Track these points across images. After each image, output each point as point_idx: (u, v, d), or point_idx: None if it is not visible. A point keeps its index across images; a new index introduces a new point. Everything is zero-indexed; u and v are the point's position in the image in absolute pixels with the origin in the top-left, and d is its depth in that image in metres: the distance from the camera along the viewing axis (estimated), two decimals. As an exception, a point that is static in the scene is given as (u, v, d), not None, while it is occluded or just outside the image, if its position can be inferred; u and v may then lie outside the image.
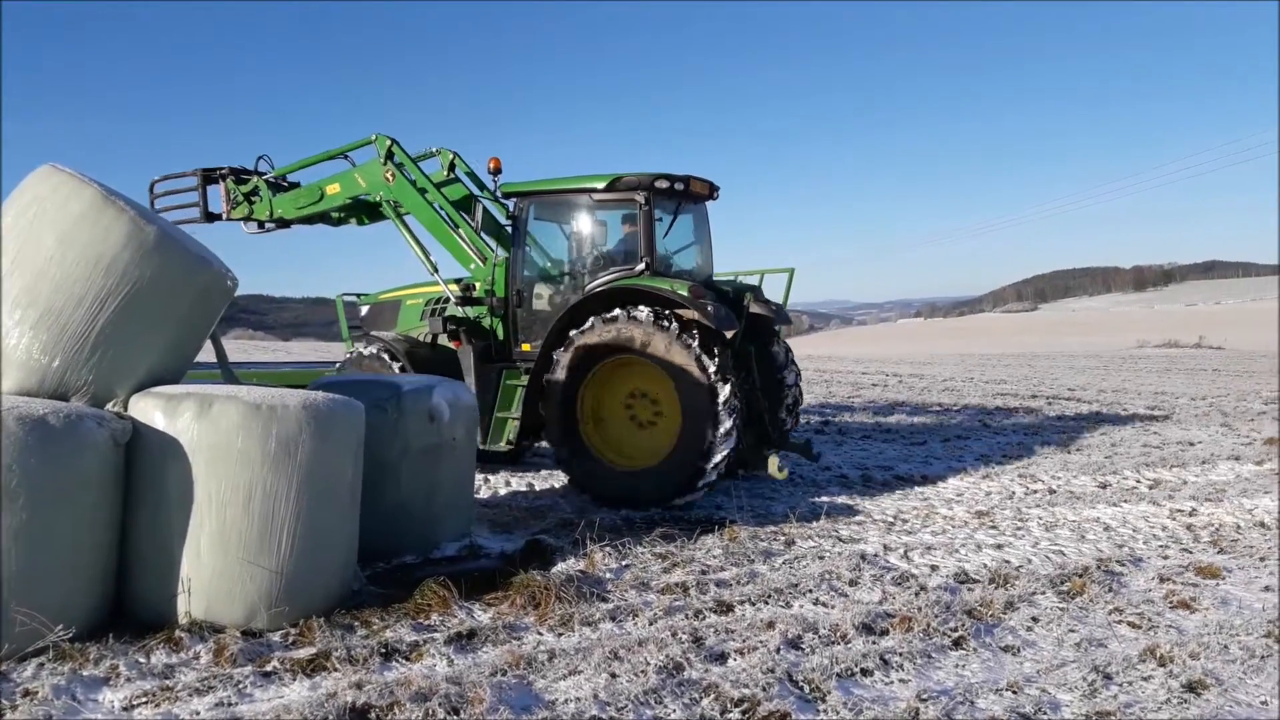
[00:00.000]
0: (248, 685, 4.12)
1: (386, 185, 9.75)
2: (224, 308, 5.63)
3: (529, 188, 9.23)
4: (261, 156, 10.58)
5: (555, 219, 9.49)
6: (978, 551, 6.92)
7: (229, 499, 4.67)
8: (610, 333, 8.15)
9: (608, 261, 9.04)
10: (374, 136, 9.76)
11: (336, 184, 10.13)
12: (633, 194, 8.74)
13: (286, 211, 10.41)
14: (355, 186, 10.00)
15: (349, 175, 10.06)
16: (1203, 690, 4.29)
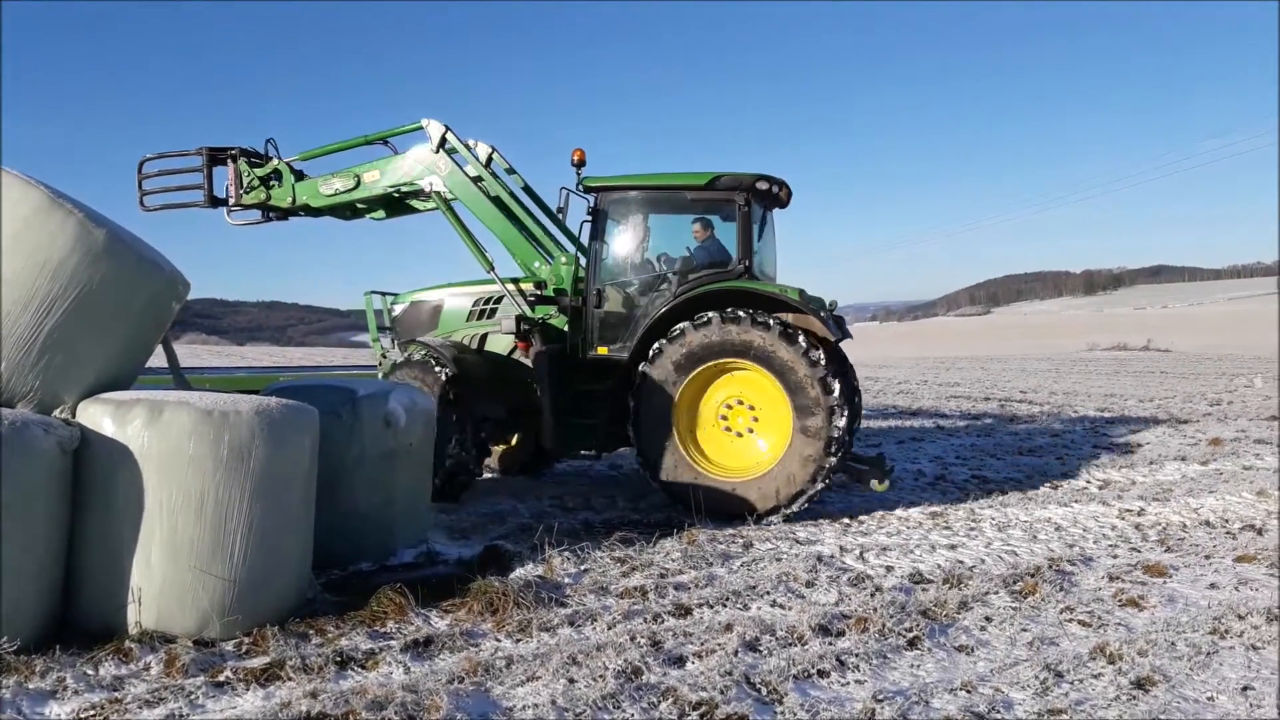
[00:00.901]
0: (200, 696, 4.05)
1: (437, 175, 9.16)
2: (176, 312, 5.54)
3: (616, 183, 8.71)
4: (269, 140, 9.72)
5: (642, 216, 8.98)
6: (932, 552, 7.00)
7: (180, 507, 4.59)
8: (719, 335, 7.87)
9: (698, 263, 8.68)
10: (425, 122, 9.17)
11: (376, 171, 9.38)
12: (732, 194, 8.45)
13: (313, 199, 9.55)
14: (399, 175, 9.30)
15: (392, 162, 9.36)
16: (1151, 687, 4.37)
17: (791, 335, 7.77)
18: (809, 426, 7.74)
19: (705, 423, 8.21)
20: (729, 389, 8.16)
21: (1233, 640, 5.02)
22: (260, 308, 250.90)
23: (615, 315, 8.72)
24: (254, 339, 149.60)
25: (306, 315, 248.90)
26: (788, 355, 7.74)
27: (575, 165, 8.68)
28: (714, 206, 8.67)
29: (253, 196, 9.58)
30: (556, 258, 9.05)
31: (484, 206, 9.13)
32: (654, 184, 8.69)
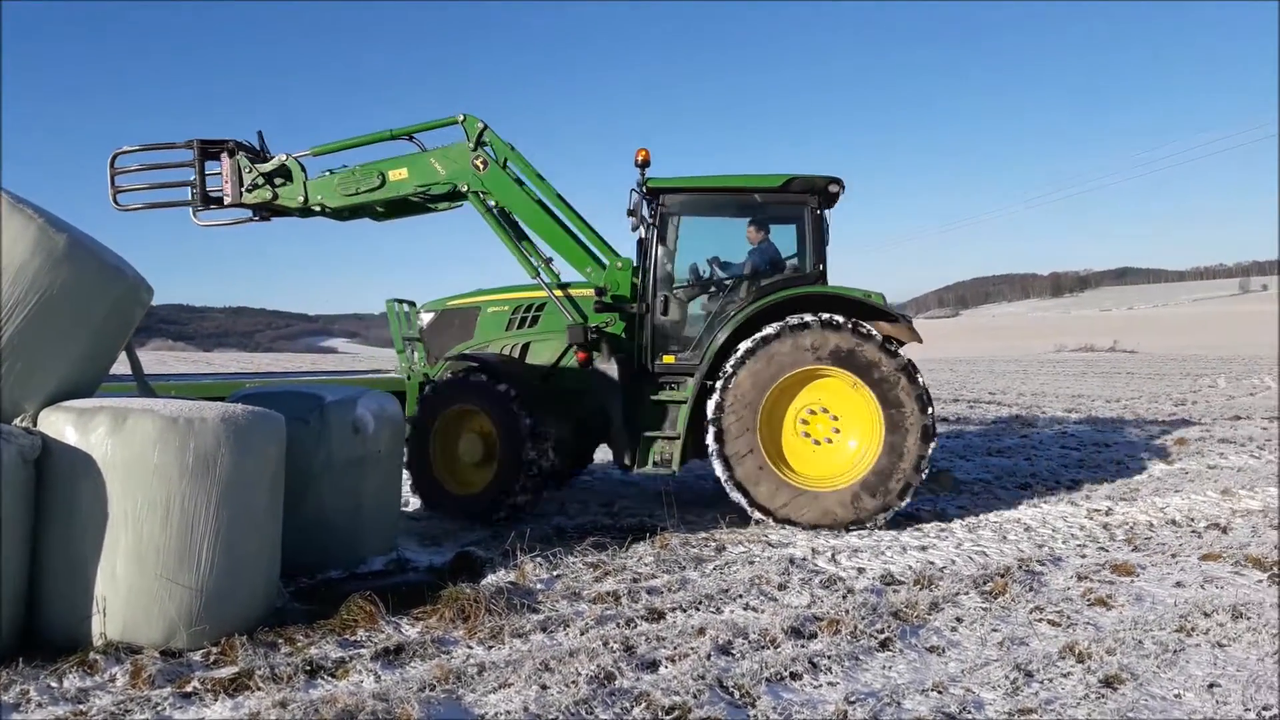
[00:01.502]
0: (167, 707, 4.00)
1: (474, 174, 8.58)
2: (139, 318, 5.47)
3: (684, 184, 8.32)
4: (258, 132, 8.96)
5: (708, 219, 8.74)
6: (903, 553, 7.04)
7: (145, 515, 4.53)
8: (817, 341, 7.65)
9: (763, 267, 8.46)
10: (461, 116, 8.62)
11: (404, 169, 8.72)
12: (805, 196, 8.25)
13: (330, 198, 8.82)
14: (430, 173, 8.67)
15: (422, 160, 8.72)
16: (1119, 685, 4.41)
17: (889, 345, 7.68)
18: (901, 437, 7.62)
19: (785, 431, 7.96)
20: (809, 396, 7.94)
21: (1199, 638, 5.08)
22: (227, 313, 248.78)
23: (681, 322, 8.40)
24: (221, 345, 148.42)
25: (274, 320, 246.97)
26: (887, 366, 7.62)
27: (639, 165, 8.21)
28: (784, 209, 8.43)
29: (256, 195, 8.78)
30: (611, 262, 8.65)
31: (528, 208, 8.64)
32: (724, 185, 8.40)
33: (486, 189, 8.59)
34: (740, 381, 7.69)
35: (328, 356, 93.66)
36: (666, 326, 8.32)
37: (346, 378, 10.14)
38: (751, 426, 7.68)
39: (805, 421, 7.96)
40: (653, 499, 9.20)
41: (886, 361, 7.64)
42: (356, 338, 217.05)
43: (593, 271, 8.63)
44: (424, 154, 8.74)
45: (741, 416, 7.67)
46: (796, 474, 7.83)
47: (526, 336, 8.72)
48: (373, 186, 8.73)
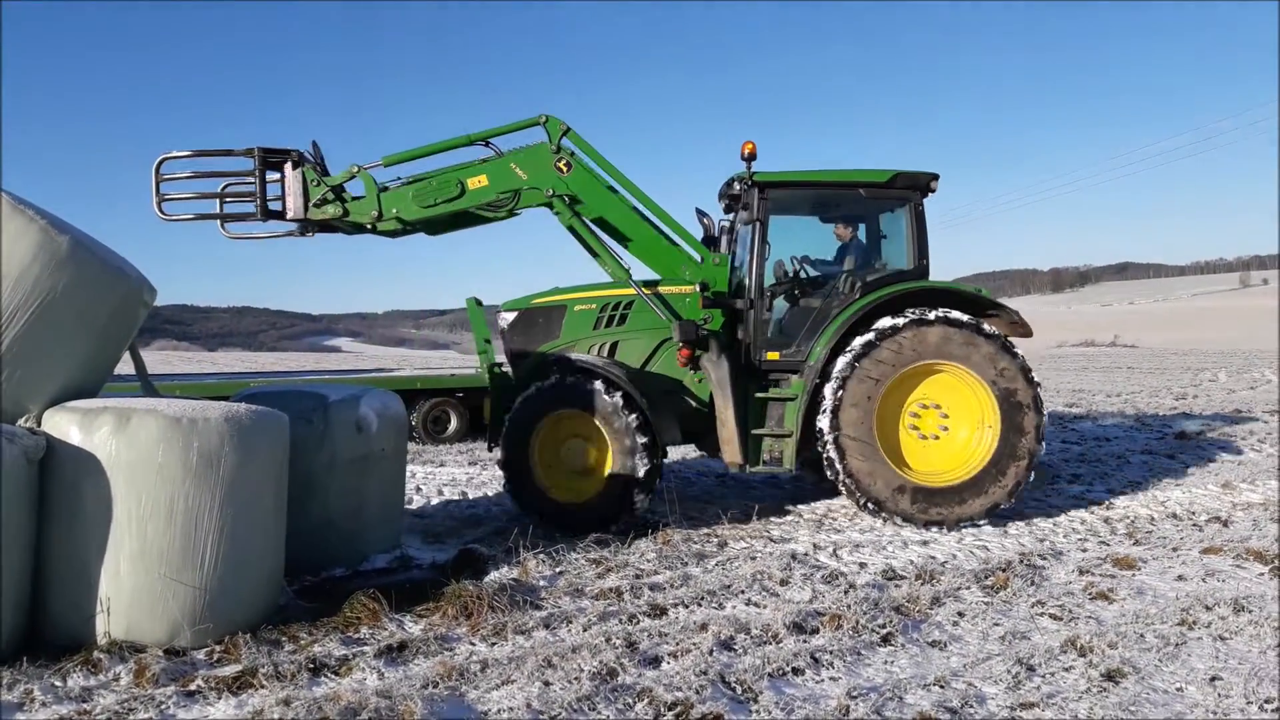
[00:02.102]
0: (170, 706, 4.02)
1: (558, 177, 8.18)
2: (142, 319, 5.49)
3: (790, 178, 8.18)
4: (313, 143, 8.26)
5: (812, 214, 8.60)
6: (904, 548, 7.06)
7: (149, 515, 4.55)
8: (941, 337, 7.63)
9: (871, 262, 8.42)
10: (544, 118, 8.22)
11: (483, 175, 8.19)
12: (909, 191, 8.22)
13: (407, 211, 8.20)
14: (511, 179, 8.19)
15: (501, 165, 8.21)
16: (1121, 678, 4.42)
17: (1008, 342, 7.70)
18: (1015, 434, 7.65)
19: (896, 427, 7.92)
20: (920, 391, 7.90)
21: (1200, 631, 5.09)
22: (231, 313, 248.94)
23: (785, 318, 8.31)
24: (225, 344, 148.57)
25: (278, 320, 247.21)
26: (1003, 363, 7.64)
27: (746, 159, 8.06)
28: (888, 204, 8.39)
29: (324, 211, 8.10)
30: (707, 257, 8.38)
31: (616, 208, 8.32)
32: (831, 180, 8.27)
33: (571, 191, 8.22)
34: (857, 377, 7.64)
35: (332, 356, 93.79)
36: (771, 322, 8.23)
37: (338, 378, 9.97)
38: (868, 423, 7.64)
39: (916, 415, 7.94)
40: (655, 494, 9.21)
41: (1003, 358, 7.65)
42: (360, 337, 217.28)
43: (688, 268, 8.37)
44: (503, 159, 8.26)
45: (858, 413, 7.64)
46: (911, 470, 7.81)
47: (615, 335, 8.40)
48: (451, 196, 8.21)
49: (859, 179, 8.20)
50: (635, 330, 8.29)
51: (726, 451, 7.85)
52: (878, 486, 7.63)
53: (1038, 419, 7.67)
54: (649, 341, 8.26)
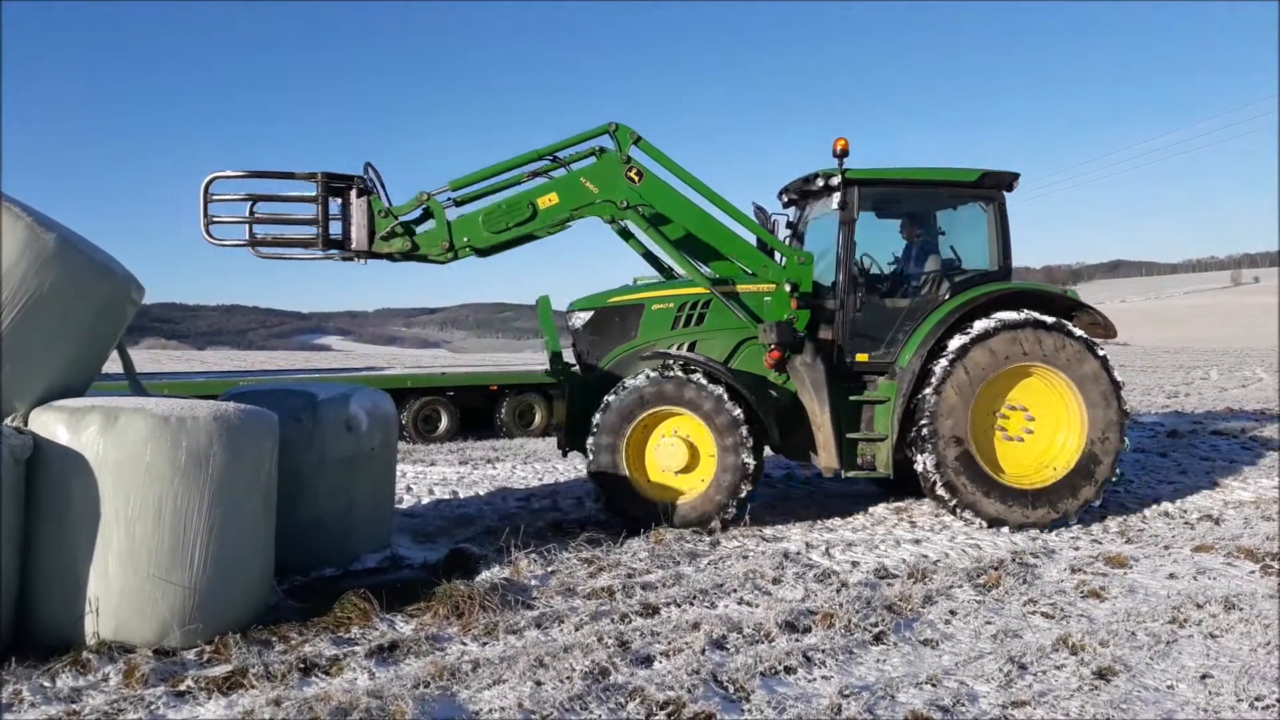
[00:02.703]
0: (160, 706, 3.99)
1: (630, 188, 7.87)
2: (130, 316, 5.45)
3: (882, 176, 8.05)
4: (368, 165, 7.69)
5: (898, 212, 8.50)
6: (897, 547, 7.06)
7: (138, 514, 4.52)
8: (1015, 340, 7.65)
9: (955, 262, 8.34)
10: (611, 126, 7.89)
11: (553, 194, 7.82)
12: (994, 190, 8.23)
13: (478, 239, 7.76)
14: (582, 194, 7.85)
15: (571, 181, 7.87)
16: (1112, 676, 4.43)
17: (1091, 342, 7.76)
18: (1101, 435, 7.71)
19: (986, 430, 7.89)
20: (1006, 394, 7.92)
21: (1191, 629, 5.10)
22: (220, 311, 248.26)
23: (872, 318, 8.12)
24: (214, 343, 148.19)
25: (267, 318, 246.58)
26: (1091, 365, 7.71)
27: (838, 155, 7.87)
28: (973, 203, 8.35)
29: (390, 245, 7.66)
30: (790, 256, 8.15)
31: (690, 213, 8.07)
32: (922, 179, 8.20)
33: (645, 201, 7.94)
34: (953, 381, 7.62)
35: (322, 354, 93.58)
36: (860, 323, 8.08)
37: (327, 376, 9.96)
38: (964, 427, 7.63)
39: (1004, 417, 7.93)
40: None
41: (1090, 360, 7.71)
42: (350, 335, 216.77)
43: (769, 268, 8.16)
44: (572, 175, 7.92)
45: (955, 418, 7.61)
46: (1003, 474, 7.80)
47: (694, 335, 8.18)
48: (524, 218, 7.81)
49: (948, 178, 8.20)
50: (714, 329, 8.12)
51: (823, 456, 7.71)
52: (973, 491, 7.62)
53: (1120, 417, 7.76)
54: (727, 341, 8.10)
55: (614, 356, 8.12)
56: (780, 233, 8.87)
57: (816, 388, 7.72)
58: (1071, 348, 7.68)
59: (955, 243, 8.44)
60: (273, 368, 26.23)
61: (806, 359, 7.82)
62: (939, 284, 8.20)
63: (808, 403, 7.76)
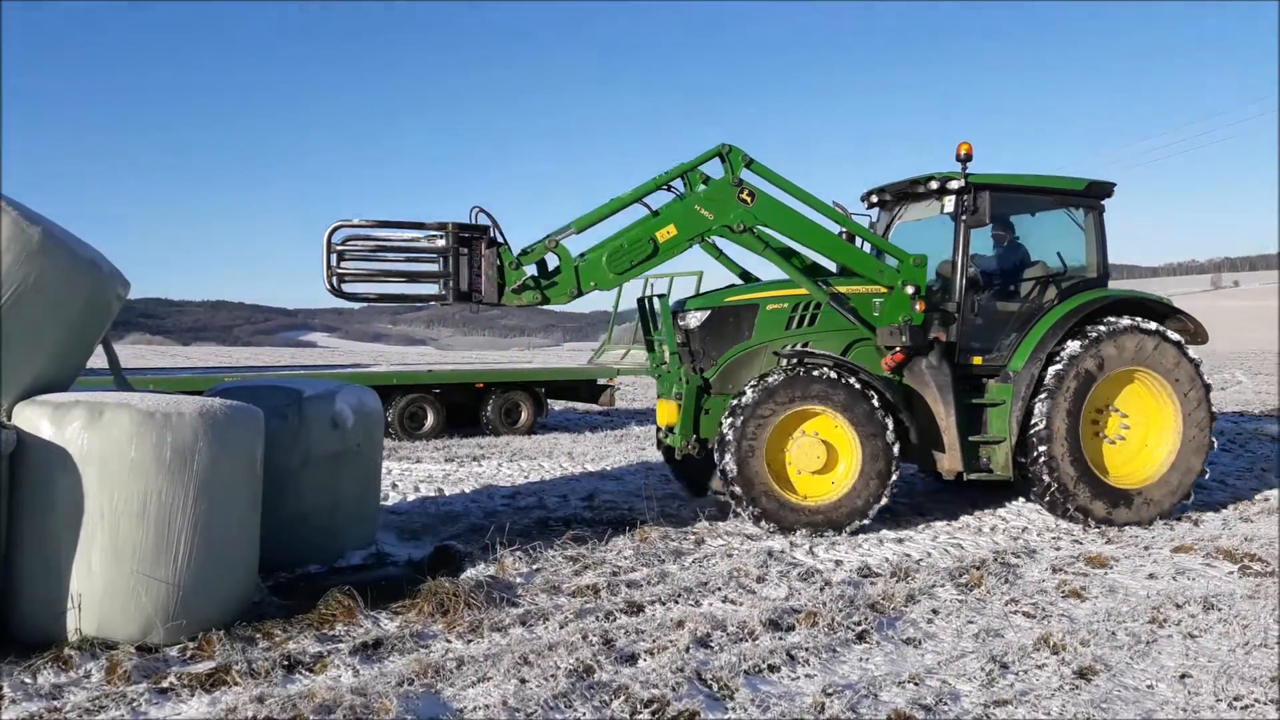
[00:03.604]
0: (142, 703, 3.98)
1: (744, 209, 7.74)
2: (115, 312, 5.43)
3: (1002, 181, 8.09)
4: (476, 209, 7.40)
5: (1012, 216, 8.57)
6: (880, 546, 7.10)
7: (122, 510, 4.50)
8: (1121, 345, 7.88)
9: (1061, 267, 8.46)
10: (724, 149, 7.75)
11: (670, 226, 7.61)
12: (1096, 200, 8.48)
13: (604, 282, 7.60)
14: (698, 222, 7.69)
15: (685, 210, 7.68)
16: (1092, 676, 4.46)
17: (1176, 344, 8.02)
18: (1194, 437, 7.99)
19: (1091, 433, 8.09)
20: (1106, 397, 8.15)
21: (1171, 629, 5.15)
22: (206, 307, 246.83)
23: (986, 321, 8.23)
24: (200, 339, 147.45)
25: (253, 315, 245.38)
26: (1187, 370, 8.00)
27: (961, 159, 7.99)
28: (1076, 210, 8.54)
29: (520, 298, 7.45)
30: (904, 259, 8.04)
31: (804, 227, 8.00)
32: (1035, 185, 8.34)
33: (760, 220, 7.85)
34: (1066, 385, 7.76)
35: (307, 350, 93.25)
36: (976, 326, 8.17)
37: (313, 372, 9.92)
38: (1075, 430, 7.78)
39: (1095, 421, 8.12)
40: (632, 493, 9.22)
41: (1185, 364, 7.99)
42: (336, 332, 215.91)
43: (884, 272, 8.09)
44: (686, 203, 7.74)
45: (1068, 421, 7.76)
46: (1107, 475, 8.00)
47: (806, 335, 8.07)
48: (645, 255, 7.63)
49: (1059, 185, 8.38)
50: (826, 330, 8.07)
51: (947, 459, 7.77)
52: (1083, 493, 7.78)
53: (1210, 417, 8.05)
54: (839, 342, 8.05)
55: (730, 356, 8.03)
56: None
57: (942, 390, 7.80)
58: (1171, 353, 7.98)
59: (1038, 247, 8.59)
60: (258, 364, 26.16)
61: (932, 361, 7.89)
62: (1045, 289, 8.36)
63: (932, 404, 7.82)
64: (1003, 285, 8.46)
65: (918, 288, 7.89)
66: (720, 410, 7.75)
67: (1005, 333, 8.18)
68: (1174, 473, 7.97)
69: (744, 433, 7.30)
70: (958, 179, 7.94)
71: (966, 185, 7.92)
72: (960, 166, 8.00)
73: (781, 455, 7.51)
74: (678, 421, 7.88)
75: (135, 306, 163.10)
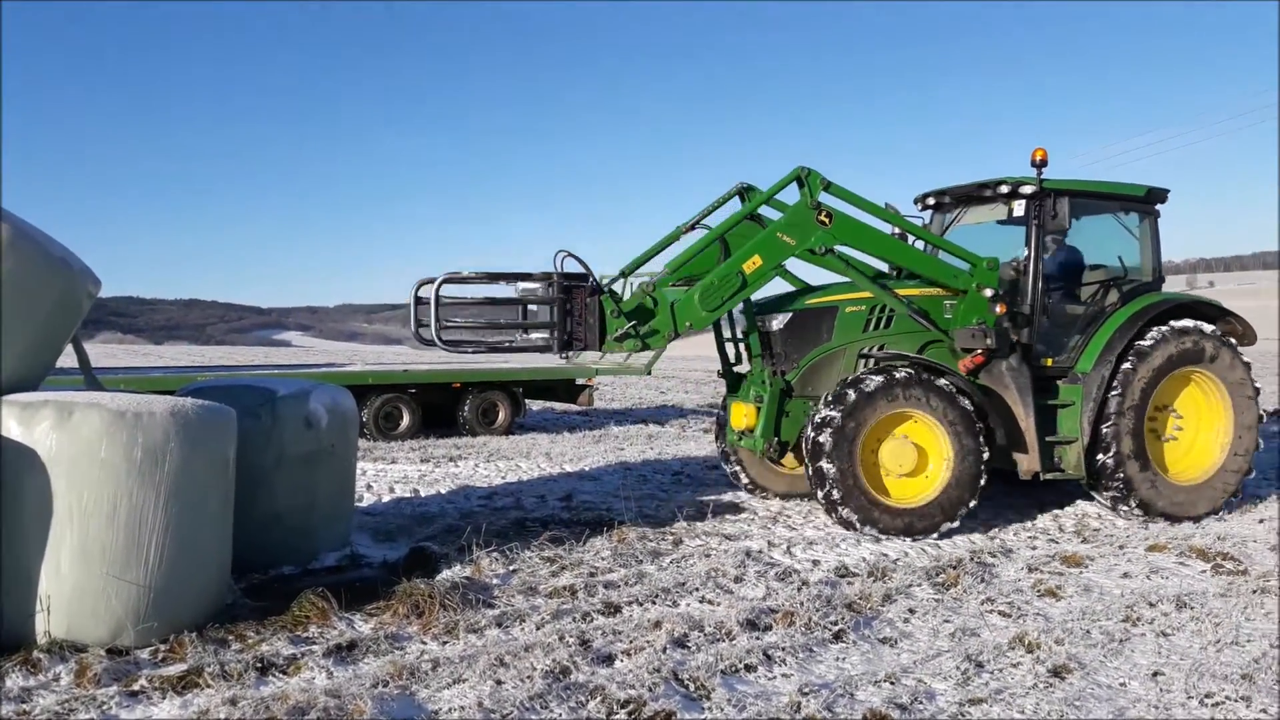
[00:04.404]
0: (113, 706, 3.93)
1: (824, 232, 7.73)
2: (86, 310, 5.37)
3: (1075, 187, 8.23)
4: (562, 253, 7.37)
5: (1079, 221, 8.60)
6: (857, 546, 7.11)
7: (92, 511, 4.44)
8: (1182, 346, 8.11)
9: (1121, 270, 8.66)
10: (803, 172, 7.74)
11: (756, 256, 7.59)
12: (1153, 206, 8.72)
13: (698, 320, 7.59)
14: (781, 250, 7.69)
15: (769, 240, 7.67)
16: (1067, 674, 4.49)
17: (1231, 346, 8.32)
18: (1246, 429, 8.29)
19: (1149, 433, 8.28)
20: (1162, 397, 8.36)
21: (1144, 627, 5.19)
22: (178, 305, 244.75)
23: (1050, 322, 8.37)
24: (172, 338, 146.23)
25: (227, 313, 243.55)
26: (1239, 370, 8.29)
27: (1037, 165, 8.10)
28: (1129, 214, 8.75)
29: (624, 346, 7.53)
30: (978, 262, 8.12)
31: (882, 241, 8.13)
32: (1104, 191, 8.56)
33: (839, 240, 7.86)
34: (1135, 383, 7.96)
35: (281, 350, 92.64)
36: (1046, 328, 8.30)
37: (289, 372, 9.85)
38: (1140, 430, 8.00)
39: (1151, 419, 8.26)
40: (610, 493, 9.21)
41: (1239, 366, 8.28)
42: (310, 331, 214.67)
43: (959, 276, 8.18)
44: (769, 232, 7.74)
45: (1134, 420, 7.97)
46: (1166, 472, 8.25)
47: (883, 337, 8.17)
48: (735, 289, 7.61)
49: (1123, 191, 8.61)
50: (900, 332, 8.17)
51: (1028, 459, 7.88)
52: (1147, 490, 7.98)
53: (1256, 419, 8.38)
54: (913, 343, 8.12)
55: (812, 358, 8.10)
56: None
57: (1022, 392, 7.91)
58: (1227, 355, 8.26)
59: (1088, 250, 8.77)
60: (231, 363, 25.93)
61: (1013, 363, 8.00)
62: (1107, 292, 8.54)
63: (1013, 406, 7.91)
64: (1065, 287, 8.61)
65: (996, 291, 8.00)
66: (800, 412, 7.91)
67: (1069, 334, 8.37)
68: (1226, 469, 8.26)
69: (842, 436, 7.29)
70: (1032, 184, 8.06)
71: (1044, 190, 8.02)
72: (1035, 172, 8.10)
73: (872, 458, 7.55)
74: (757, 423, 7.96)
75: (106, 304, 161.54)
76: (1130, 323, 8.10)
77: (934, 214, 9.21)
